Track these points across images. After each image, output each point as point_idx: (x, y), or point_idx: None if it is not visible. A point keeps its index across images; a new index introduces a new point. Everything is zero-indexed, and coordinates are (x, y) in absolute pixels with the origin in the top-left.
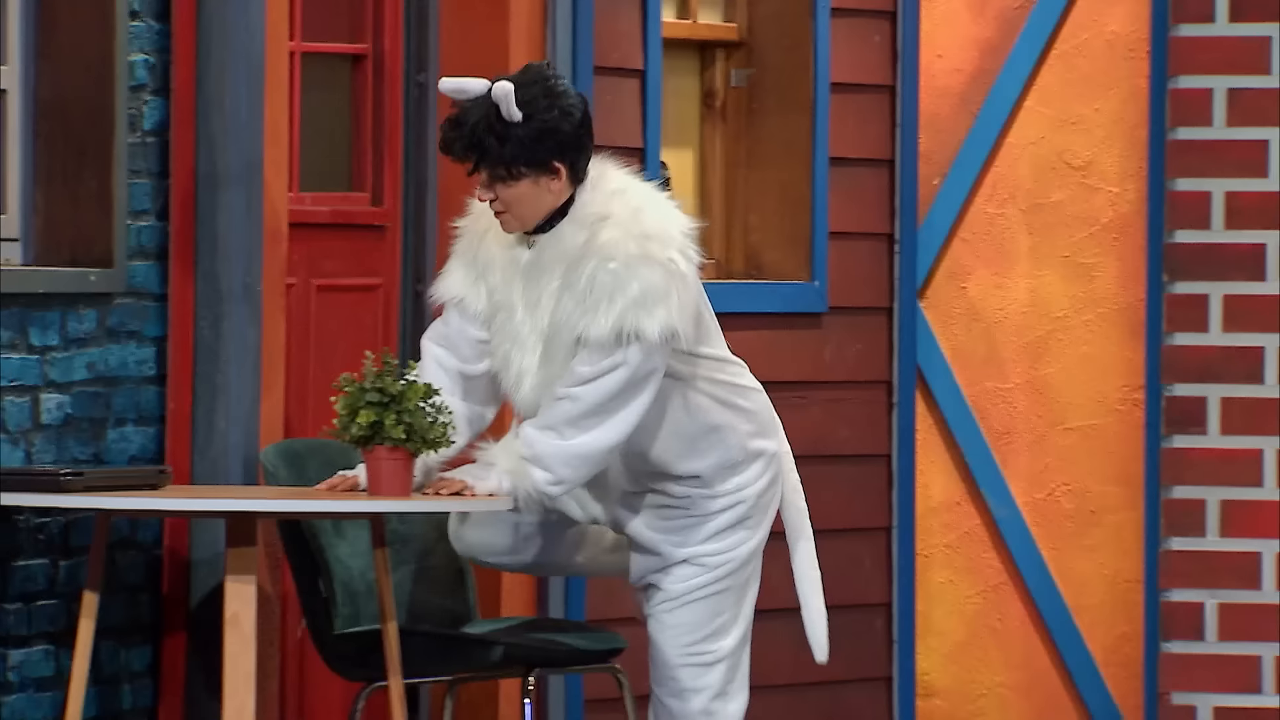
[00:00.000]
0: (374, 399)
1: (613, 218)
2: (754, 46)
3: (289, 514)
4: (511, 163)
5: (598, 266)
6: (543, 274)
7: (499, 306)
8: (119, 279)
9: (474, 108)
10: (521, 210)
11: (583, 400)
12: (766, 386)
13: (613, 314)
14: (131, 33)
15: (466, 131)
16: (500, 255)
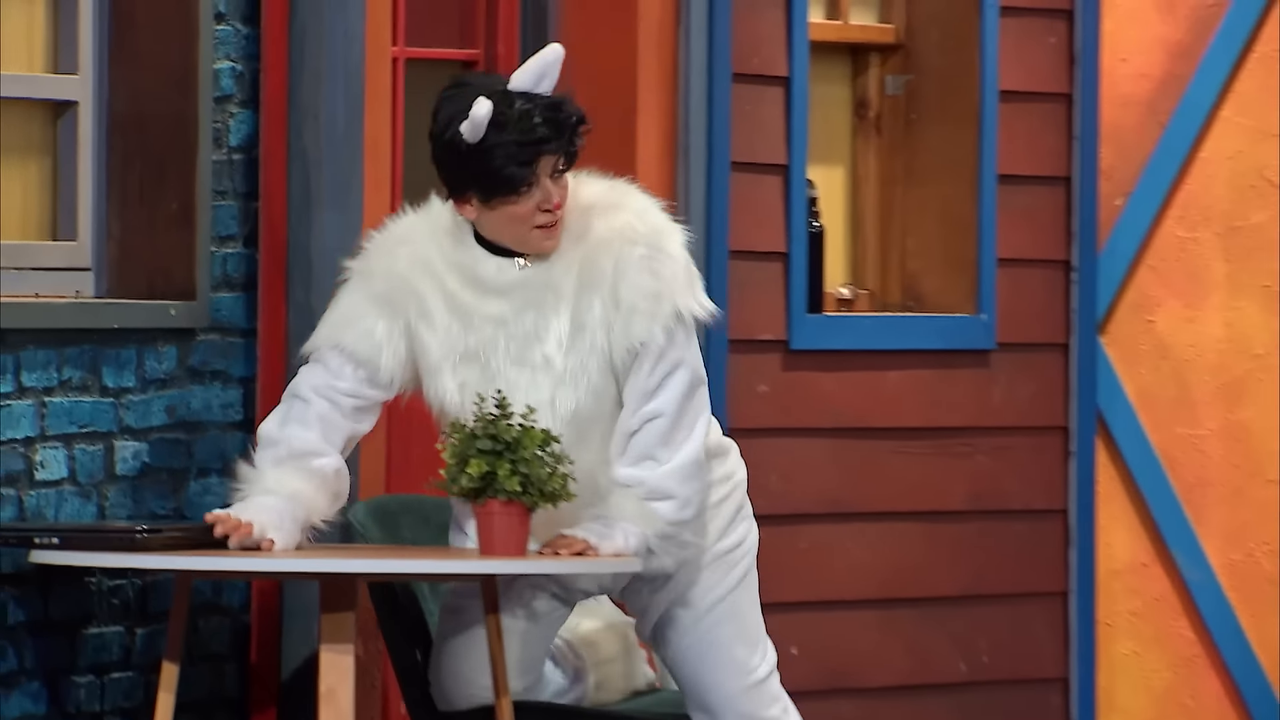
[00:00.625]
0: (486, 447)
1: (595, 205)
2: (913, 50)
3: (392, 575)
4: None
5: (620, 257)
6: (544, 292)
7: (463, 352)
8: (202, 312)
9: (525, 106)
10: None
11: (665, 414)
12: (926, 433)
13: (664, 303)
14: (216, 37)
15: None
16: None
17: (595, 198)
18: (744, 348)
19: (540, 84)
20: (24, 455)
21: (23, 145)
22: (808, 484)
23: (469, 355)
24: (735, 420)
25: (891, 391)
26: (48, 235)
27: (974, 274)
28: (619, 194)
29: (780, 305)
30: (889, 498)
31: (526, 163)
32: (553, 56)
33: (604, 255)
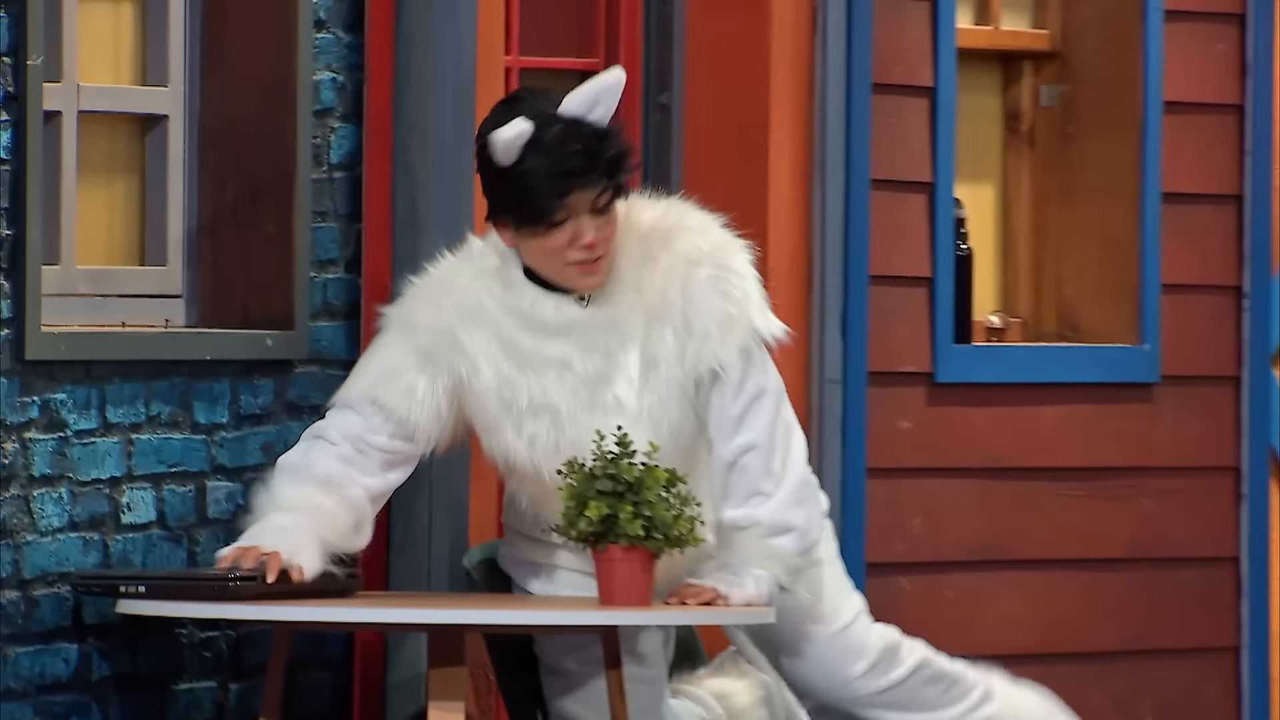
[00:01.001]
0: (606, 488)
1: (654, 228)
2: (1069, 57)
3: (506, 627)
4: (626, 177)
5: (686, 282)
6: (613, 330)
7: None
8: (301, 342)
9: (564, 131)
10: (611, 247)
11: (759, 444)
12: (1084, 474)
13: (738, 324)
14: (316, 46)
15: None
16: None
17: (653, 222)
18: (885, 381)
19: (592, 111)
20: (109, 497)
21: (108, 163)
22: (955, 529)
23: (535, 406)
24: (875, 459)
25: (1046, 428)
26: (135, 260)
27: (1136, 301)
28: (677, 214)
29: (925, 335)
30: (1044, 544)
31: (558, 194)
32: (611, 82)
33: (670, 282)
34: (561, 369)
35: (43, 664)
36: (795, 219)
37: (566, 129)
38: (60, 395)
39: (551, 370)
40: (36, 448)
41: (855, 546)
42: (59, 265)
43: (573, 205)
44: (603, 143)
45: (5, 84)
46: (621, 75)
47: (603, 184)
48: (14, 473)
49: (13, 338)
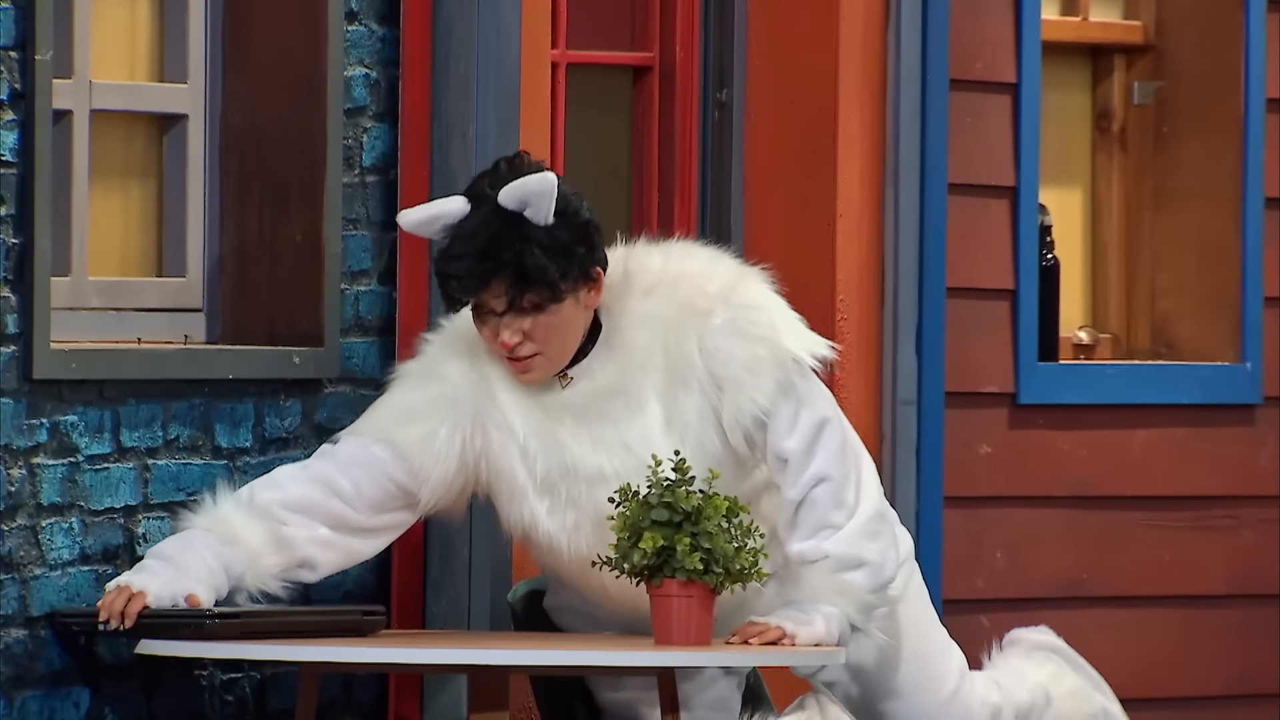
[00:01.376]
0: (662, 518)
1: (657, 285)
2: (1164, 51)
3: (552, 668)
4: (559, 278)
5: (701, 334)
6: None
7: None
8: (331, 361)
9: (487, 224)
10: (559, 345)
11: (829, 476)
12: (1181, 503)
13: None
14: (348, 40)
15: (499, 252)
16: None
17: (654, 278)
18: (964, 402)
19: (524, 209)
20: (124, 526)
21: (123, 166)
22: (1039, 562)
23: (548, 484)
24: (953, 487)
25: (1139, 454)
26: (152, 271)
27: (1236, 315)
28: (676, 260)
29: (1007, 352)
30: (1136, 580)
31: (455, 294)
32: (536, 185)
33: (686, 339)
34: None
35: (52, 708)
36: (866, 227)
37: (480, 222)
38: (71, 417)
39: (562, 451)
40: (45, 474)
41: (932, 581)
42: (69, 277)
43: (481, 302)
44: (507, 247)
45: (12, 81)
46: (551, 181)
47: (506, 288)
48: (21, 501)
49: (20, 355)
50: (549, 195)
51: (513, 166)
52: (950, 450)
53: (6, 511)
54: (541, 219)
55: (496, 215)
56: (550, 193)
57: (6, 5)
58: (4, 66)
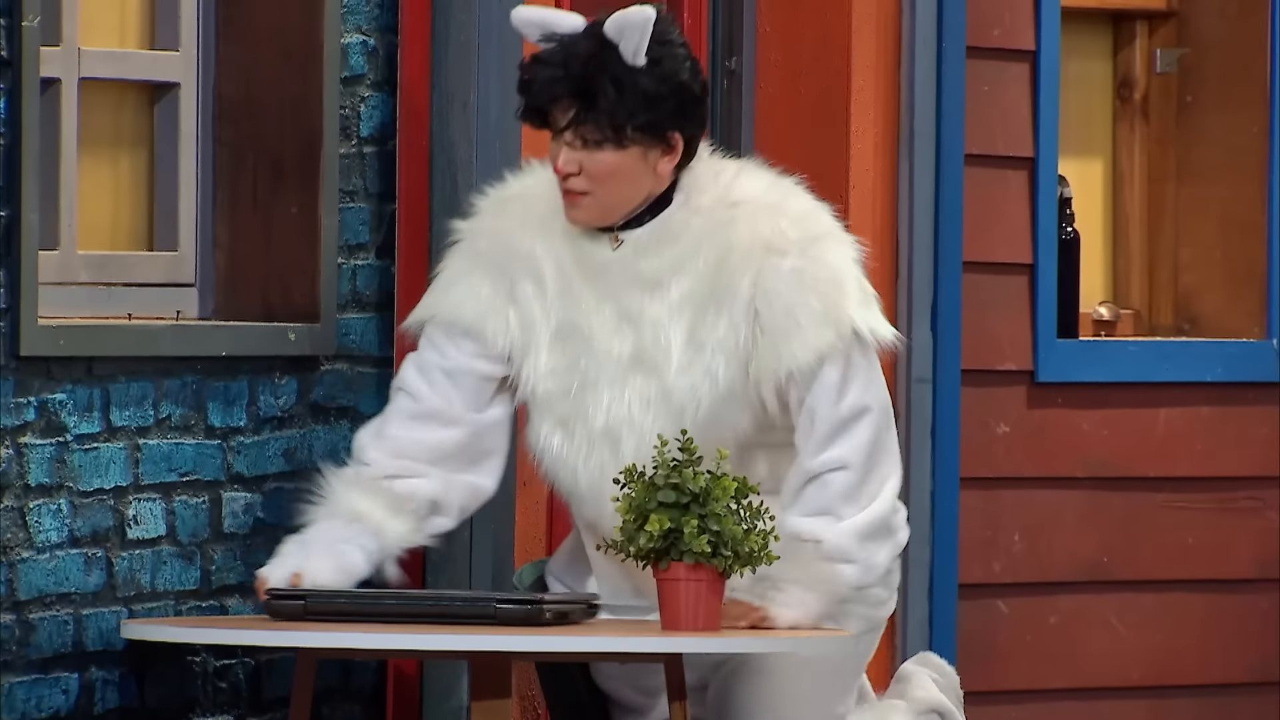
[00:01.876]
0: (669, 499)
1: (745, 203)
2: (1187, 18)
3: (556, 655)
4: (627, 120)
5: (763, 272)
6: (648, 285)
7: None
8: (328, 337)
9: (579, 42)
10: (611, 192)
11: (851, 465)
12: (1205, 484)
13: (829, 318)
14: (345, 6)
15: (575, 68)
16: (552, 255)
17: (748, 194)
18: (981, 379)
19: (619, 41)
20: (113, 508)
21: (112, 136)
22: (1059, 545)
23: (562, 336)
24: (969, 468)
25: (1161, 433)
26: (143, 245)
27: (1262, 290)
28: (779, 194)
29: (1025, 329)
30: (1159, 563)
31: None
32: (634, 19)
33: (743, 268)
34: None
35: (40, 695)
36: (880, 199)
37: (579, 39)
38: (59, 395)
39: (590, 312)
40: (33, 454)
41: (947, 565)
42: (58, 250)
43: (555, 120)
44: (594, 70)
45: None
46: (648, 17)
47: (574, 108)
48: (8, 482)
49: (6, 331)
50: (640, 32)
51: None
52: (967, 430)
53: None
54: (630, 56)
55: (594, 38)
56: (642, 29)
57: None
58: None
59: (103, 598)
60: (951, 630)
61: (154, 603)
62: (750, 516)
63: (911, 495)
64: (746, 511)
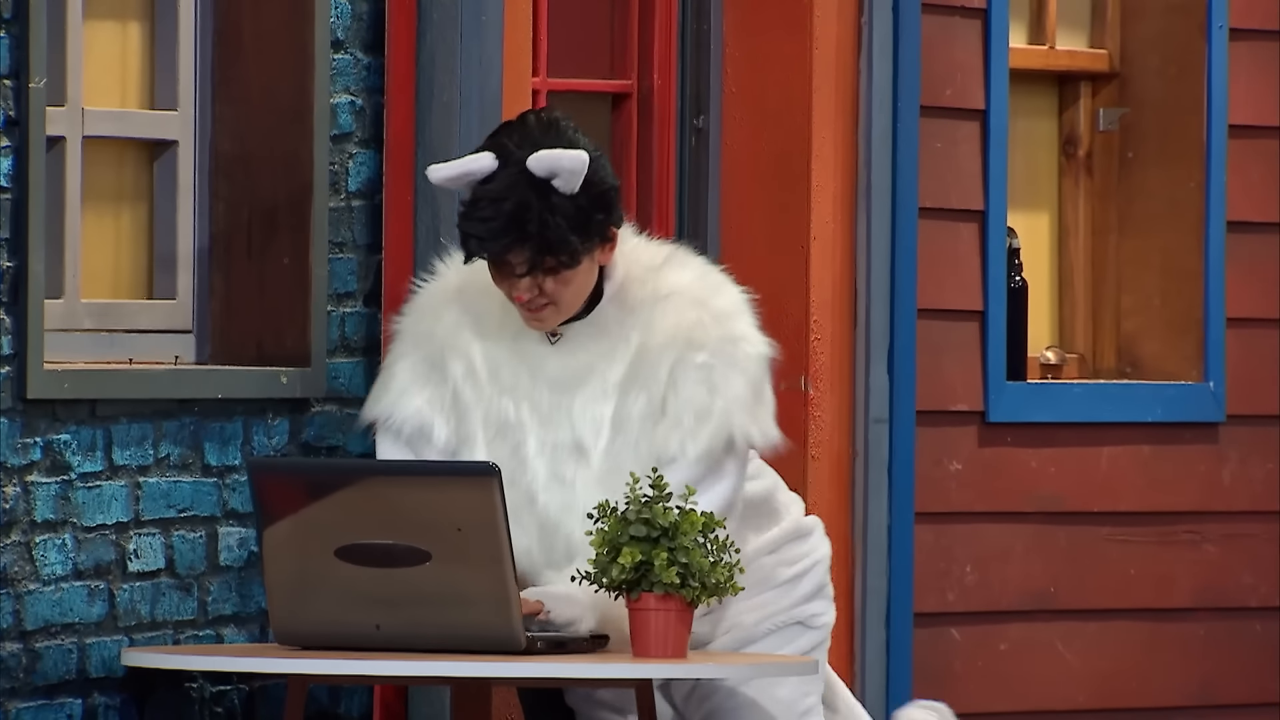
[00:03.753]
0: (640, 533)
1: (675, 295)
2: (1129, 79)
3: (533, 680)
4: (579, 244)
5: (680, 360)
6: (582, 376)
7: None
8: (318, 380)
9: (513, 191)
10: (572, 299)
11: None
12: (1146, 518)
13: (712, 423)
14: (334, 68)
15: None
16: (485, 353)
17: (681, 286)
18: (934, 420)
19: (553, 179)
20: (115, 543)
21: (114, 190)
22: (1008, 577)
23: (502, 431)
24: (924, 503)
25: (1105, 470)
26: (143, 294)
27: (1200, 335)
28: (705, 287)
29: (976, 372)
30: (1103, 593)
31: (479, 253)
32: (569, 163)
33: (664, 354)
34: (532, 405)
35: None
36: (839, 249)
37: (507, 187)
38: (64, 436)
39: (524, 403)
40: (39, 492)
41: (903, 595)
42: (62, 299)
43: (499, 265)
44: (533, 217)
45: (6, 108)
46: (583, 160)
47: (529, 253)
48: (15, 518)
49: (14, 375)
50: (580, 172)
51: (542, 125)
52: (921, 467)
53: (1, 528)
54: (568, 190)
55: (524, 180)
56: (582, 170)
57: (1, 34)
58: None
59: (105, 627)
60: (907, 657)
61: (153, 632)
62: (717, 550)
63: (869, 529)
64: (713, 545)
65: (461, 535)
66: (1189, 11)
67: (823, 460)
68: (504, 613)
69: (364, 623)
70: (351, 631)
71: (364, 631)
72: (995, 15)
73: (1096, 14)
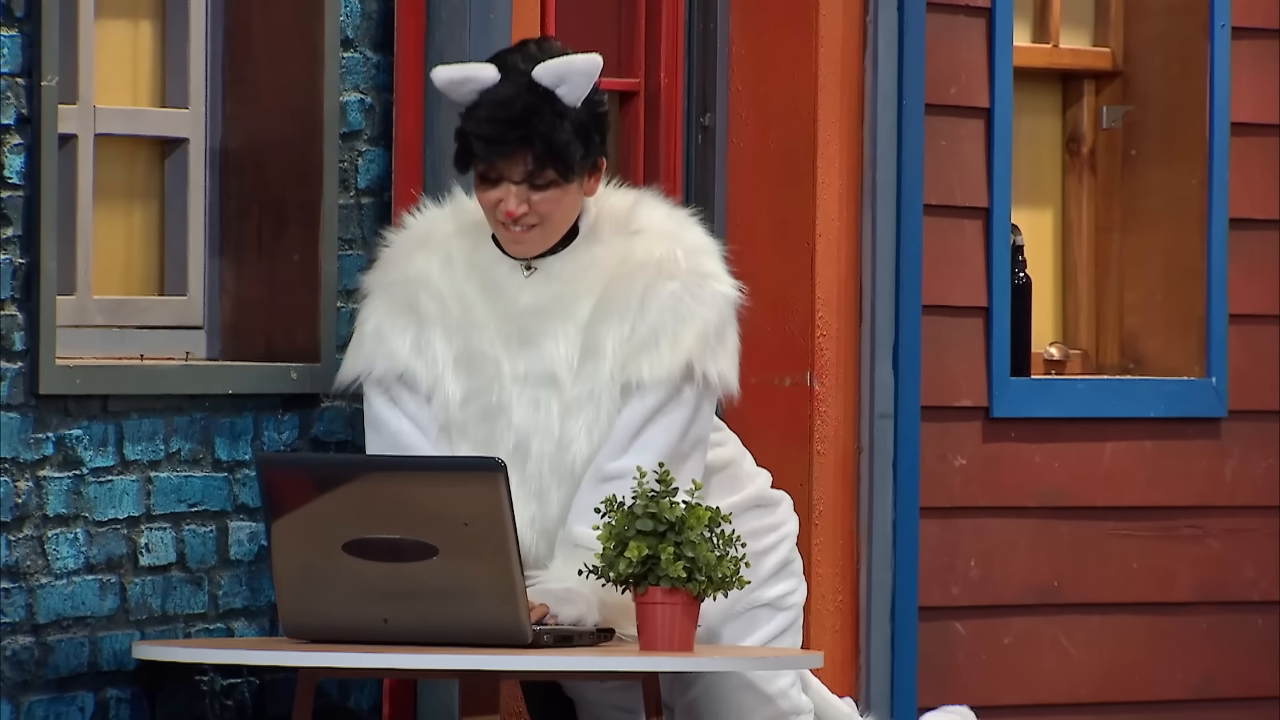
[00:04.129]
0: (646, 527)
1: (645, 230)
2: (1132, 77)
3: (539, 674)
4: (574, 159)
5: (650, 287)
6: (554, 307)
7: (469, 360)
8: (327, 376)
9: (519, 96)
10: (558, 222)
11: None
12: (1148, 513)
13: (680, 350)
14: (343, 66)
15: (526, 123)
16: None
17: (649, 223)
18: (939, 415)
19: (558, 87)
20: (127, 537)
21: (126, 188)
22: (1011, 571)
23: (477, 363)
24: (928, 498)
25: (1108, 465)
26: (154, 290)
27: (1202, 332)
28: (675, 224)
29: (980, 367)
30: (1106, 587)
31: (482, 156)
32: (582, 64)
33: (635, 281)
34: (505, 338)
35: (58, 713)
36: (844, 246)
37: (514, 93)
38: (76, 431)
39: (496, 336)
40: (51, 486)
41: (908, 589)
42: (74, 295)
43: (501, 169)
44: (542, 119)
45: (19, 106)
46: (597, 63)
47: (528, 159)
48: (28, 512)
49: (26, 371)
50: (589, 77)
51: (541, 47)
52: (926, 462)
53: (14, 522)
54: (574, 100)
55: (530, 88)
56: (592, 75)
57: (13, 33)
58: (11, 92)
59: (116, 621)
60: (913, 650)
61: (164, 626)
62: (723, 544)
63: (874, 524)
64: (719, 539)
65: (468, 530)
66: (1191, 11)
67: (828, 455)
68: (510, 606)
69: (372, 616)
70: (360, 625)
71: (372, 625)
72: (1000, 14)
73: (1100, 13)
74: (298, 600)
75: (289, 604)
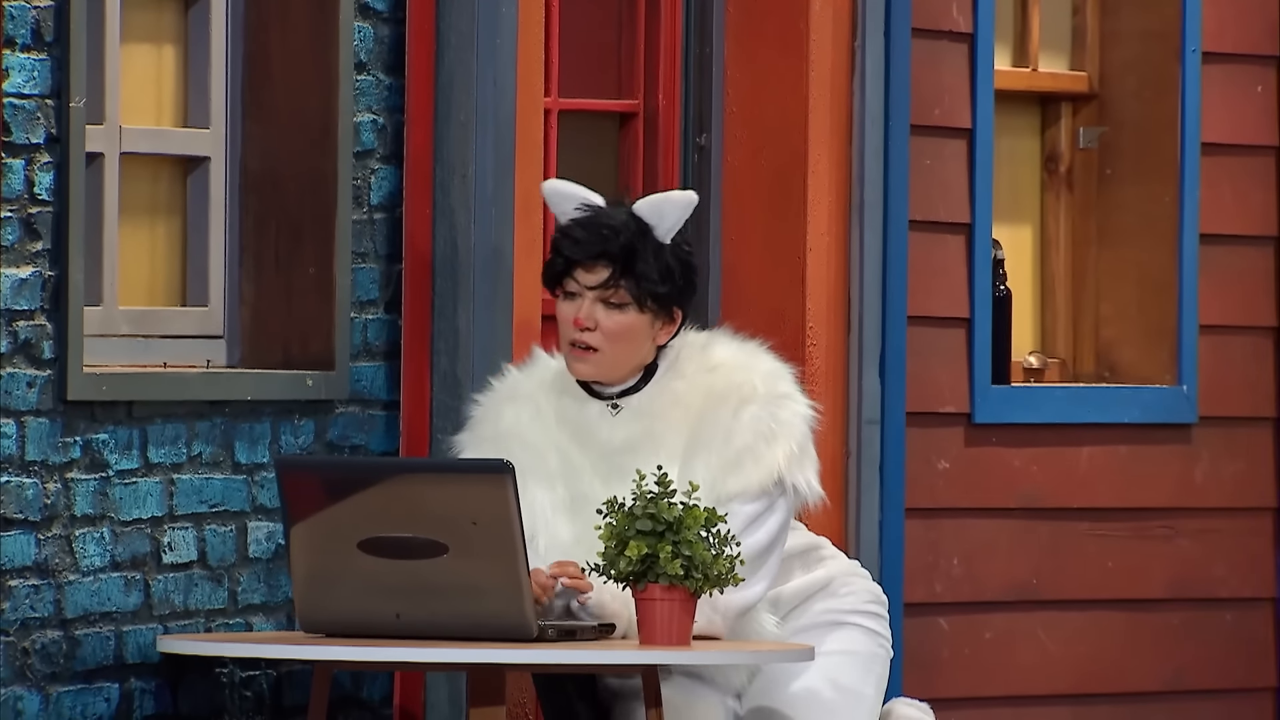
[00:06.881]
0: (646, 527)
1: (722, 365)
2: (1107, 99)
3: (544, 666)
4: (653, 288)
5: (734, 414)
6: (645, 442)
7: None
8: (341, 383)
9: (617, 215)
10: (620, 351)
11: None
12: (1123, 514)
13: (764, 464)
14: (357, 88)
15: (619, 235)
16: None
17: (724, 357)
18: (923, 421)
19: (653, 219)
20: (151, 536)
21: (150, 204)
22: (993, 569)
23: (574, 504)
24: (913, 499)
25: (1084, 469)
26: (176, 301)
27: (1174, 342)
28: (748, 355)
29: (963, 376)
30: (1082, 585)
31: (565, 263)
32: (677, 199)
33: (720, 410)
34: (602, 480)
35: (84, 703)
36: (833, 260)
37: (615, 213)
38: (102, 435)
39: (595, 480)
40: (78, 488)
41: (894, 587)
42: (101, 306)
43: (580, 278)
44: (632, 239)
45: (48, 126)
46: (693, 197)
47: (609, 271)
48: (56, 513)
49: (55, 378)
50: (683, 213)
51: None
52: (911, 466)
53: (43, 522)
54: (663, 234)
55: (629, 215)
56: (686, 210)
57: (43, 56)
58: (40, 113)
59: (141, 616)
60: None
61: (186, 620)
62: (719, 543)
63: (862, 524)
64: (715, 538)
65: (477, 529)
66: (1164, 37)
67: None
68: (516, 602)
69: (384, 612)
70: (373, 620)
71: (385, 620)
72: (981, 39)
73: (1077, 38)
74: (313, 596)
75: (305, 600)
